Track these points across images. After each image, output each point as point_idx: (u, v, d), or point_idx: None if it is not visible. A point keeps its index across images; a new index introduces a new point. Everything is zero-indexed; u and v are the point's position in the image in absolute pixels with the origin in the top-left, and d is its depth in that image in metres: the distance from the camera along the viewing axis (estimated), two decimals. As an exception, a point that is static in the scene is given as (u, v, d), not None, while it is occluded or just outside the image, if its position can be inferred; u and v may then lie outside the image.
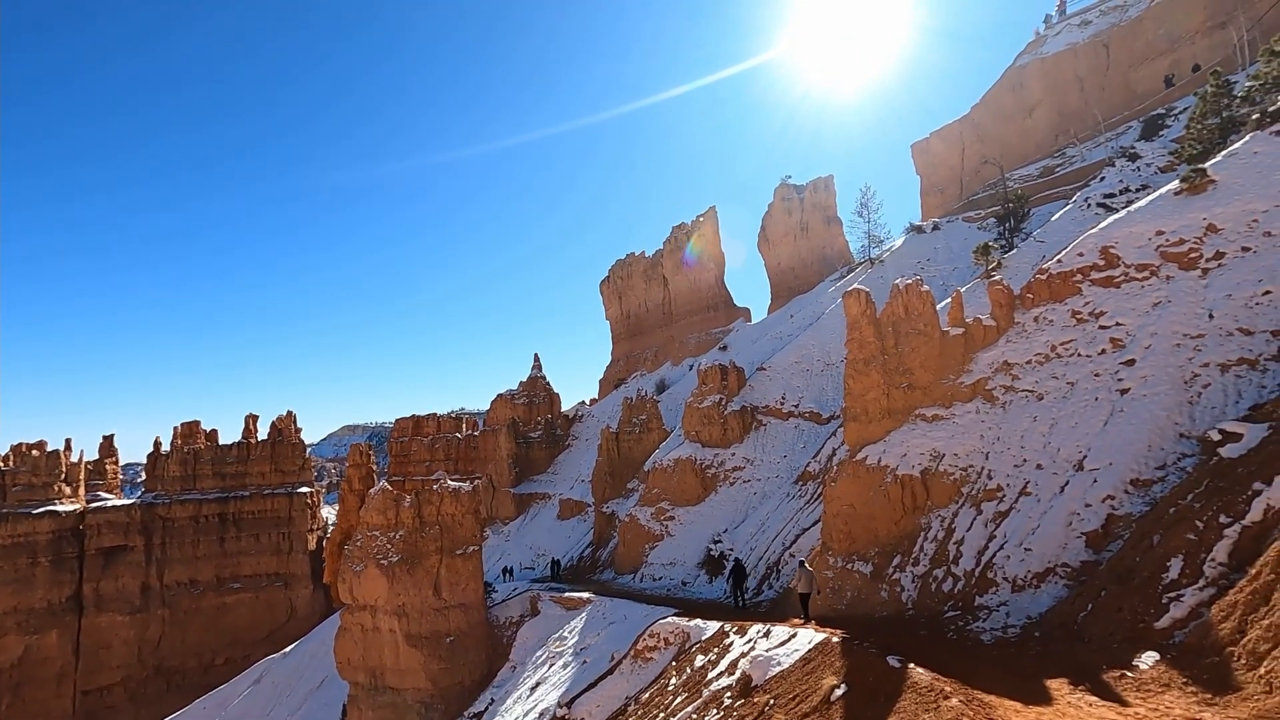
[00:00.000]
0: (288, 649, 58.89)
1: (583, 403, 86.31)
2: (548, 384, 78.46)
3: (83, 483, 77.41)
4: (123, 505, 76.26)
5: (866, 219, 52.57)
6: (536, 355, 79.18)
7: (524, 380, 78.62)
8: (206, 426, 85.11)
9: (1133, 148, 35.86)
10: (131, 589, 73.01)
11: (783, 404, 41.96)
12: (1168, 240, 20.93)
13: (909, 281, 23.88)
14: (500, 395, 76.58)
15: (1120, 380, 19.19)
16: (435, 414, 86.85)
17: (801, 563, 19.42)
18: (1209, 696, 9.22)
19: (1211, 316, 18.75)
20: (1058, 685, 10.75)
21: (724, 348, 61.38)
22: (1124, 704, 9.75)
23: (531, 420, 74.07)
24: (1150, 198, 23.28)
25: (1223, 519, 12.42)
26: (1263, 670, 8.86)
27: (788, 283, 71.90)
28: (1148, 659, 10.89)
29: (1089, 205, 30.85)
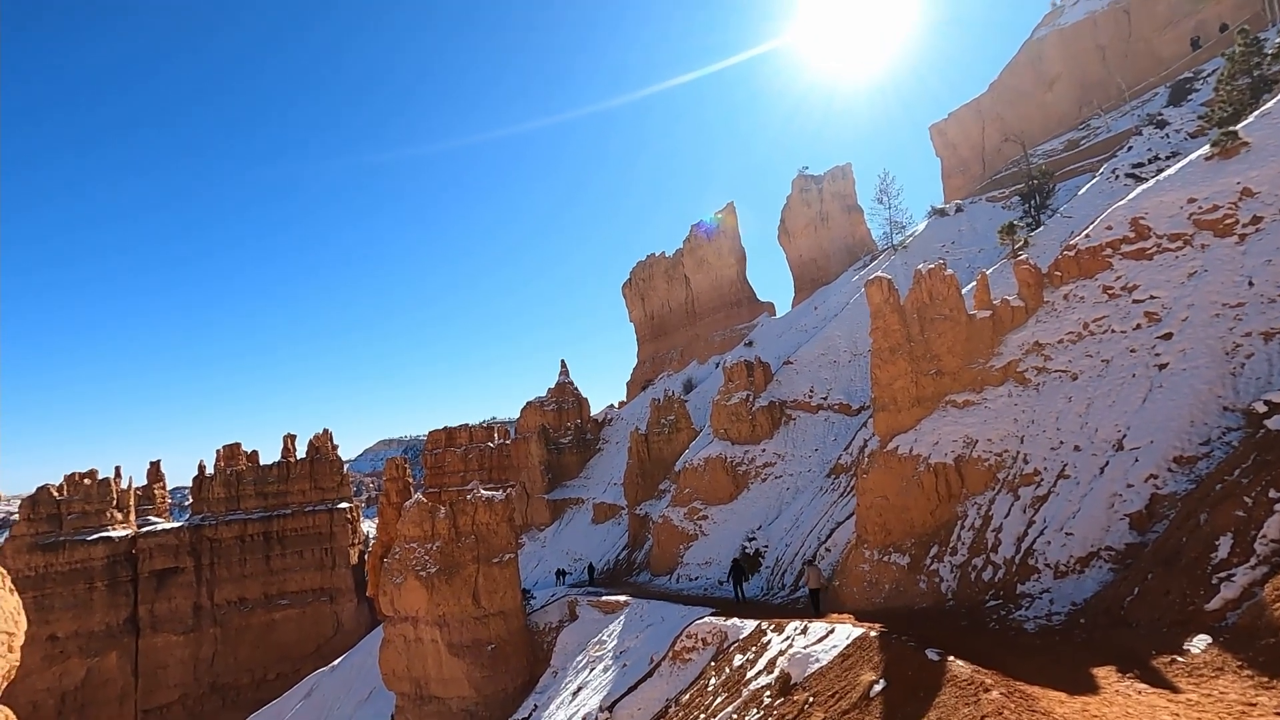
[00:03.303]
0: (335, 662, 60.06)
1: (611, 406, 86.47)
2: (576, 389, 78.72)
3: (133, 508, 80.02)
4: (172, 528, 78.61)
5: (887, 205, 51.85)
6: (563, 361, 79.47)
7: (552, 386, 78.94)
8: (247, 448, 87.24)
9: (1160, 114, 34.74)
10: (184, 609, 75.20)
11: (811, 397, 41.52)
12: (1200, 207, 20.23)
13: (931, 266, 23.47)
14: (530, 403, 77.03)
15: (1158, 355, 18.59)
16: (467, 424, 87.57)
17: (809, 561, 19.44)
18: (1265, 679, 8.86)
19: (1252, 284, 18.06)
20: (1104, 673, 10.43)
21: (749, 343, 60.97)
22: (1175, 690, 9.42)
23: (561, 426, 74.41)
24: (1180, 165, 22.51)
25: (1272, 494, 11.95)
26: (1321, 650, 8.50)
27: (810, 274, 71.13)
28: (1199, 643, 10.51)
29: (1117, 176, 29.99)
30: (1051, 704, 8.92)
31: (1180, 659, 10.35)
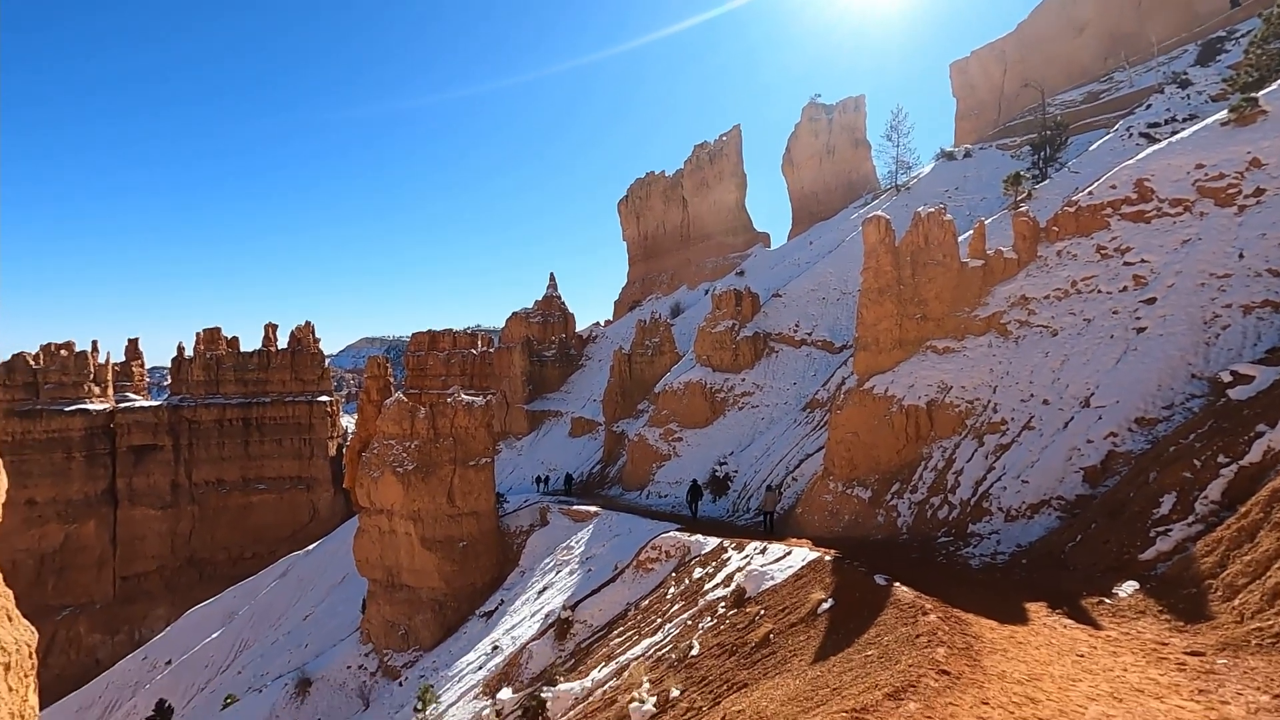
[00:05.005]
0: (311, 547, 62.17)
1: (597, 323, 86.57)
2: (563, 303, 78.48)
3: (111, 383, 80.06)
4: (151, 406, 79.12)
5: (896, 143, 50.63)
6: (552, 274, 78.82)
7: (539, 299, 78.67)
8: (227, 334, 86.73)
9: (1185, 74, 33.73)
10: (162, 485, 76.76)
11: (796, 331, 41.82)
12: (1207, 174, 20.02)
13: (931, 210, 23.23)
14: (515, 313, 76.87)
15: (1139, 319, 18.84)
16: (451, 330, 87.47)
17: (770, 485, 20.38)
18: (1180, 624, 9.54)
19: (1242, 256, 18.16)
20: (1036, 608, 11.15)
21: (740, 273, 60.70)
22: (1097, 627, 10.13)
23: (546, 339, 74.62)
24: (1194, 128, 22.10)
25: (1221, 459, 12.45)
26: (1237, 602, 9.11)
27: (810, 208, 70.12)
28: (1127, 588, 11.21)
29: (1130, 135, 29.38)
30: (982, 629, 9.58)
31: (1108, 601, 11.06)
